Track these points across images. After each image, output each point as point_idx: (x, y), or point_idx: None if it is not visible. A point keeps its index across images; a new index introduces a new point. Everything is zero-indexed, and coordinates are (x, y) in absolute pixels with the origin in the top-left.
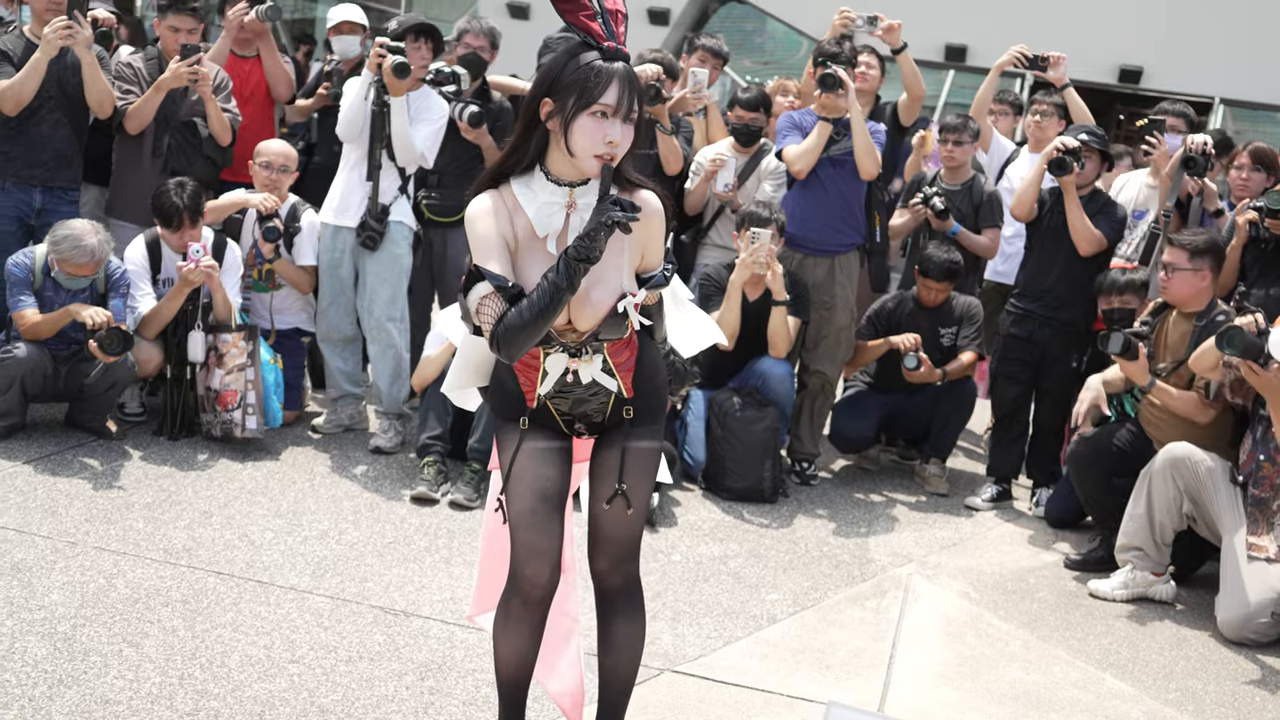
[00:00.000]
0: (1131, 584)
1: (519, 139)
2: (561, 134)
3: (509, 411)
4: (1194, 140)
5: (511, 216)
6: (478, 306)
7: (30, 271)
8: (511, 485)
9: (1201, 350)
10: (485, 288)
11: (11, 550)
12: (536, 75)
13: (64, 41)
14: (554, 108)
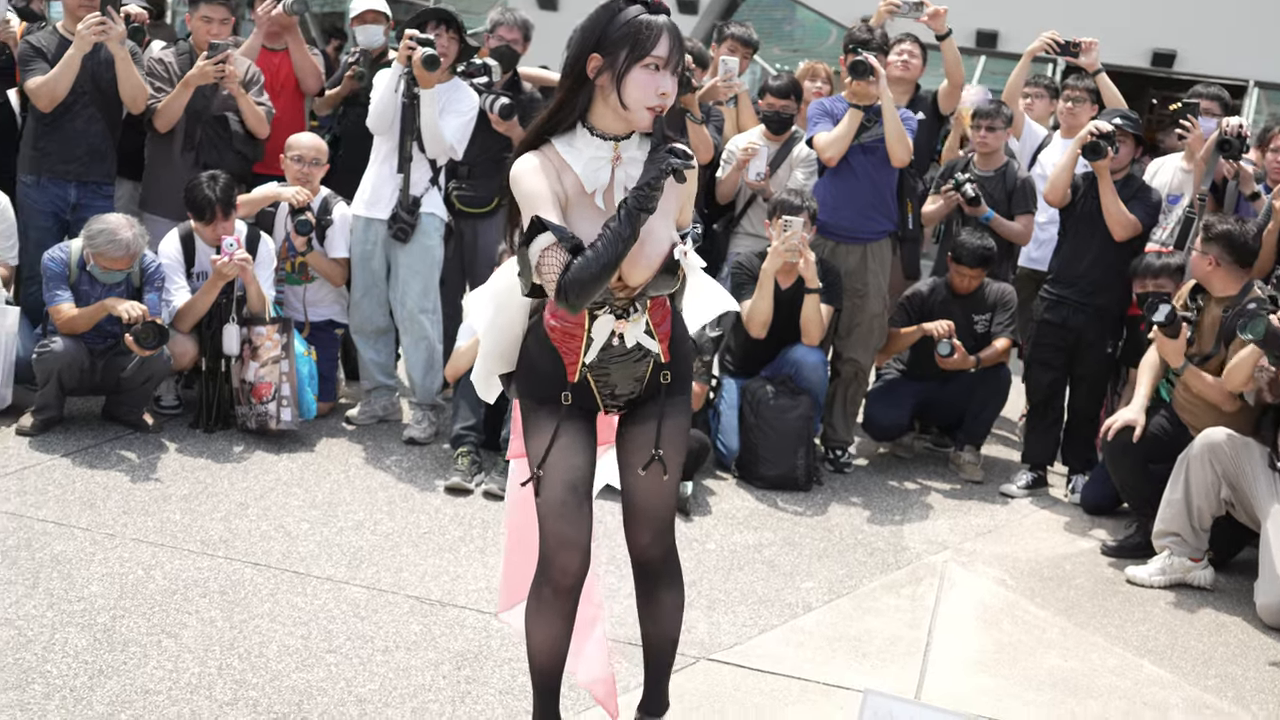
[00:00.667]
0: (1169, 570)
1: (566, 96)
2: (613, 88)
3: (543, 392)
4: (1229, 123)
5: (559, 174)
6: (540, 259)
7: (66, 266)
8: (544, 476)
9: (1232, 366)
10: (547, 239)
11: (51, 543)
12: (578, 35)
13: (98, 37)
14: (603, 63)
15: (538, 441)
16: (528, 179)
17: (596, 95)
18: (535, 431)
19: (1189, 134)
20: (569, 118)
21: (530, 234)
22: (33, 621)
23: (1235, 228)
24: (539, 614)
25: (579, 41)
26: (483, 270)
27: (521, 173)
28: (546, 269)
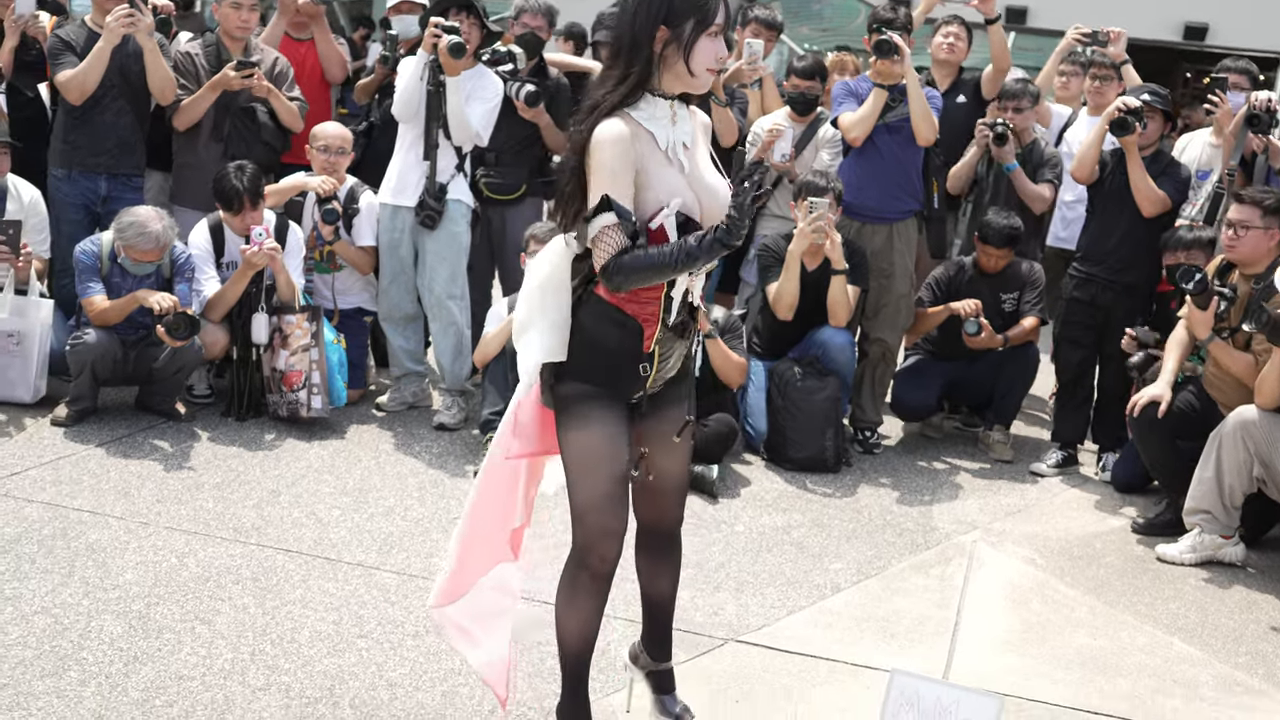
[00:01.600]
0: (1200, 547)
1: (642, 69)
2: (679, 58)
3: (603, 375)
4: (1257, 97)
5: (635, 139)
6: (599, 234)
7: (97, 259)
8: (590, 466)
9: (1266, 381)
10: (610, 218)
11: (86, 531)
12: (637, 9)
13: (127, 29)
14: (670, 35)
15: (585, 433)
16: (608, 149)
17: (661, 65)
18: (582, 421)
19: (1217, 109)
20: (642, 90)
21: (597, 209)
22: (69, 609)
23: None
24: (574, 599)
25: (642, 16)
26: (511, 256)
27: (604, 140)
28: (603, 246)
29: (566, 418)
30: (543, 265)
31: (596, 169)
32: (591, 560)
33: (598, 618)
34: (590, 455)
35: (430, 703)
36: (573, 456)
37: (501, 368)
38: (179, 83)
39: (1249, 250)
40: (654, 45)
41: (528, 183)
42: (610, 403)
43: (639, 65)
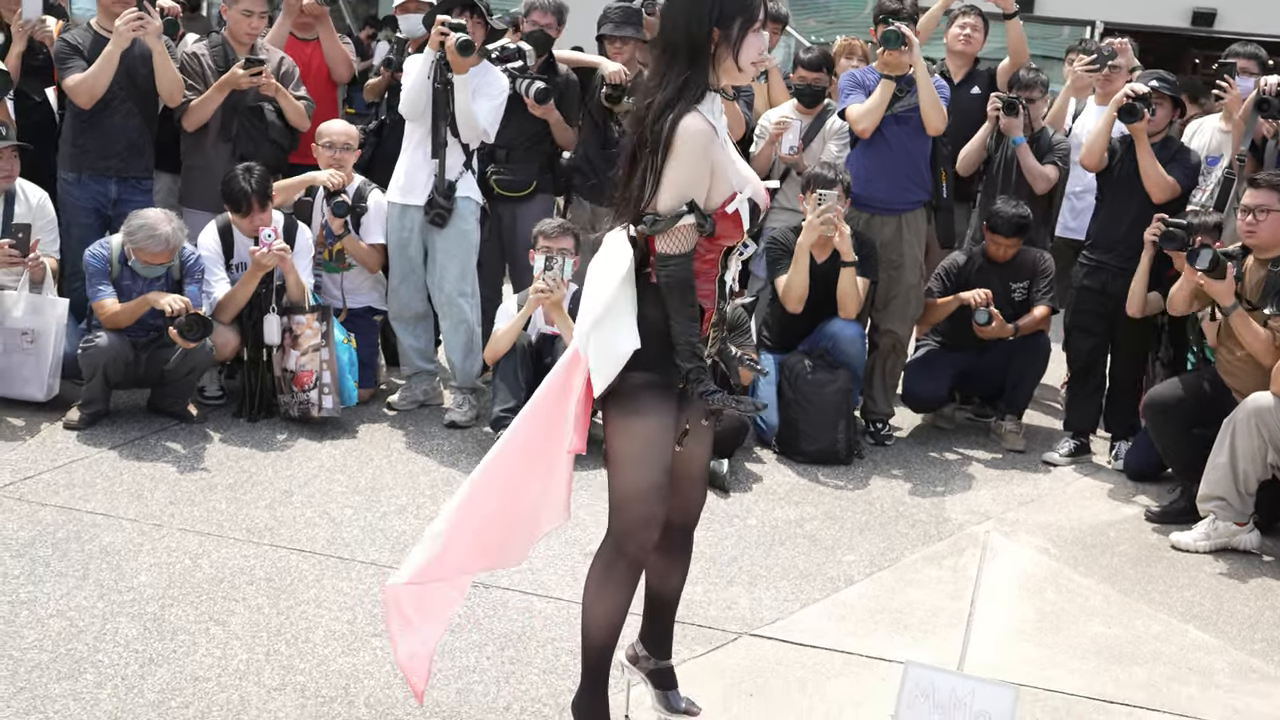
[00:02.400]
0: (1214, 534)
1: (702, 69)
2: (731, 55)
3: (666, 364)
4: (1267, 81)
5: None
6: (676, 230)
7: (107, 262)
8: (642, 455)
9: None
10: (692, 219)
11: (100, 534)
12: (688, 9)
13: (136, 33)
14: (722, 35)
15: (643, 422)
16: (694, 146)
17: (711, 63)
18: (641, 411)
19: (1226, 94)
20: (705, 88)
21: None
22: (84, 612)
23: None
24: (605, 587)
25: (695, 18)
26: (521, 253)
27: (689, 137)
28: (676, 241)
29: (623, 407)
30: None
31: (682, 164)
32: (631, 548)
33: (626, 609)
34: (644, 444)
35: (446, 700)
36: (625, 445)
37: (512, 364)
38: (186, 84)
39: (1268, 234)
40: (711, 45)
41: (538, 179)
42: (666, 392)
43: (700, 64)
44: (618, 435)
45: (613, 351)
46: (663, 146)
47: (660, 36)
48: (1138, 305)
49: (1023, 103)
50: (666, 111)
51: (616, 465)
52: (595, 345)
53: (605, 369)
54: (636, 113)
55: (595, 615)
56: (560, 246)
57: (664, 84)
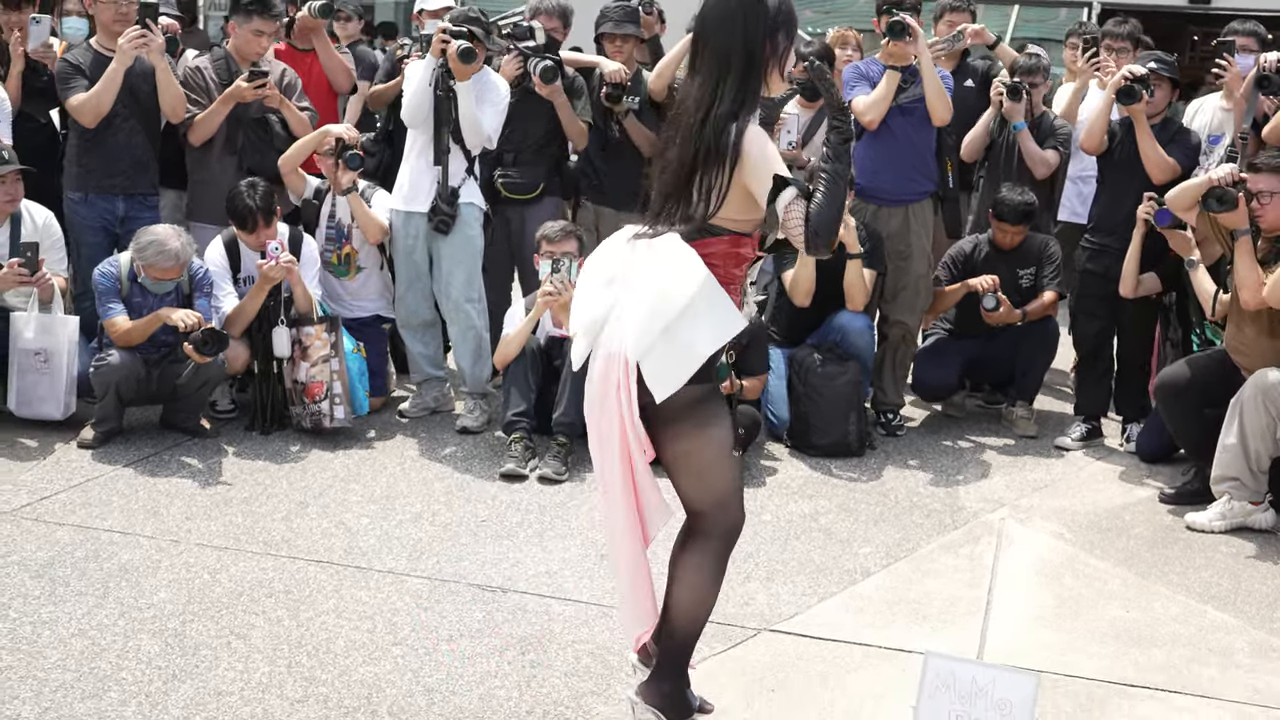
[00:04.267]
0: (1229, 514)
1: (757, 79)
2: (778, 67)
3: (712, 370)
4: (1267, 58)
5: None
6: (787, 211)
7: (117, 280)
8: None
9: (1276, 280)
10: (792, 193)
11: (118, 552)
12: (742, 26)
13: (138, 50)
14: (771, 46)
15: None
16: (764, 145)
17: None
18: (719, 417)
19: (1226, 73)
20: (757, 97)
21: (776, 189)
22: (105, 630)
23: None
24: (718, 577)
25: (753, 33)
26: (529, 256)
27: (757, 138)
28: (793, 221)
29: (698, 418)
30: (689, 264)
31: (759, 159)
32: (736, 538)
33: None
34: (725, 447)
35: (468, 706)
36: (712, 451)
37: (522, 368)
38: (190, 98)
39: (1274, 216)
40: (765, 58)
41: (545, 182)
42: (721, 398)
43: (755, 75)
44: (701, 445)
45: (688, 356)
46: (730, 158)
47: (709, 46)
48: (1130, 285)
49: (1026, 88)
50: (729, 122)
51: (707, 471)
52: (664, 349)
53: (677, 373)
54: (686, 123)
55: (708, 604)
56: (565, 250)
57: (719, 95)
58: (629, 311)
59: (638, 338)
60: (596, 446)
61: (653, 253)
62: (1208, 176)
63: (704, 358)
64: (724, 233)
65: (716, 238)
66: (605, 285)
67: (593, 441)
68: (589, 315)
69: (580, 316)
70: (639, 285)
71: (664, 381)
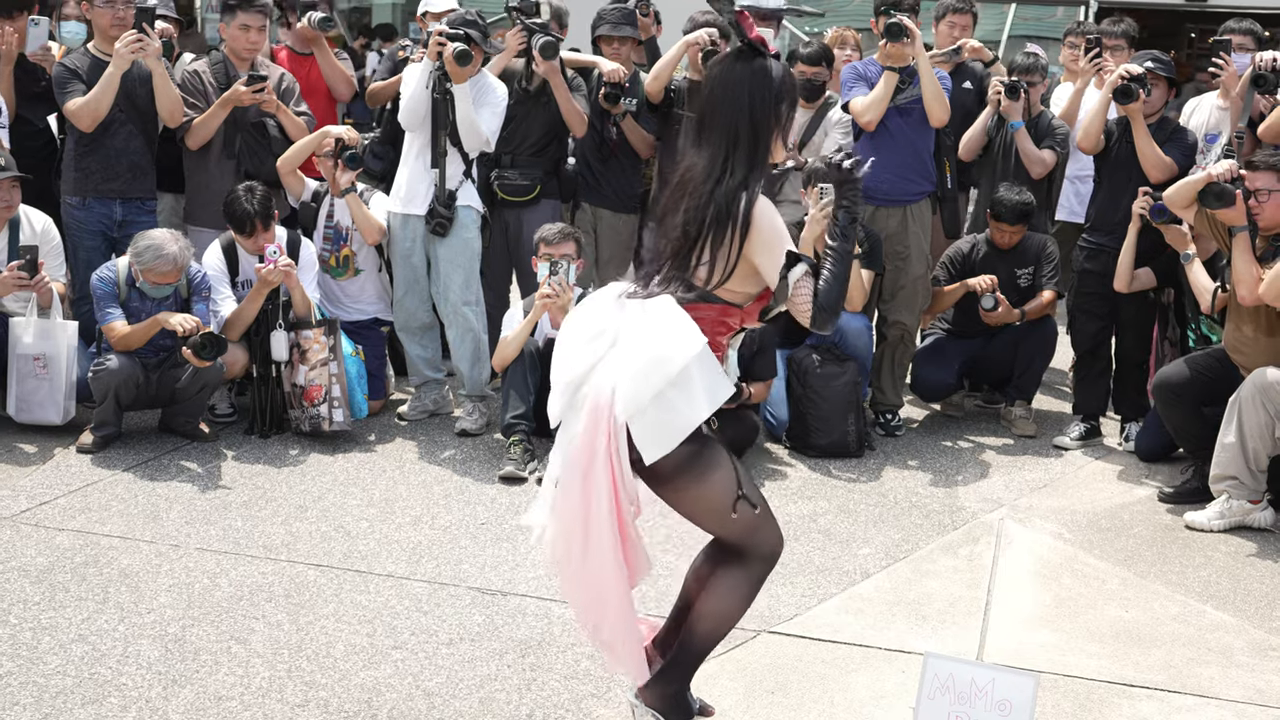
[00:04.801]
0: (1228, 513)
1: (765, 149)
2: (781, 136)
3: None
4: (1262, 57)
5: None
6: (798, 285)
7: (115, 285)
8: (735, 485)
9: (1271, 279)
10: (803, 268)
11: (118, 557)
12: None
13: (136, 55)
14: (775, 117)
15: (722, 468)
16: (774, 220)
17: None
18: (715, 463)
19: (1223, 71)
20: (765, 166)
21: (788, 264)
22: (105, 636)
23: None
24: (751, 596)
25: (759, 108)
26: (527, 258)
27: (767, 210)
28: (801, 297)
29: (693, 473)
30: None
31: (770, 234)
32: (776, 561)
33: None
34: (733, 481)
35: (468, 710)
36: (722, 492)
37: (521, 370)
38: (188, 102)
39: (1272, 214)
40: (770, 129)
41: (543, 184)
42: (708, 438)
43: (763, 145)
44: (707, 492)
45: (681, 421)
46: (740, 228)
47: (717, 118)
48: (1124, 280)
49: (1024, 86)
50: (740, 193)
51: (714, 512)
52: (656, 413)
53: (668, 438)
54: (694, 192)
55: (730, 625)
56: (563, 252)
57: (729, 168)
58: (619, 370)
59: (629, 398)
60: (581, 502)
61: (646, 314)
62: (1206, 173)
63: (697, 423)
64: (717, 301)
65: (708, 305)
66: (591, 339)
67: (573, 498)
68: (570, 370)
69: (562, 371)
70: (632, 345)
71: (655, 445)
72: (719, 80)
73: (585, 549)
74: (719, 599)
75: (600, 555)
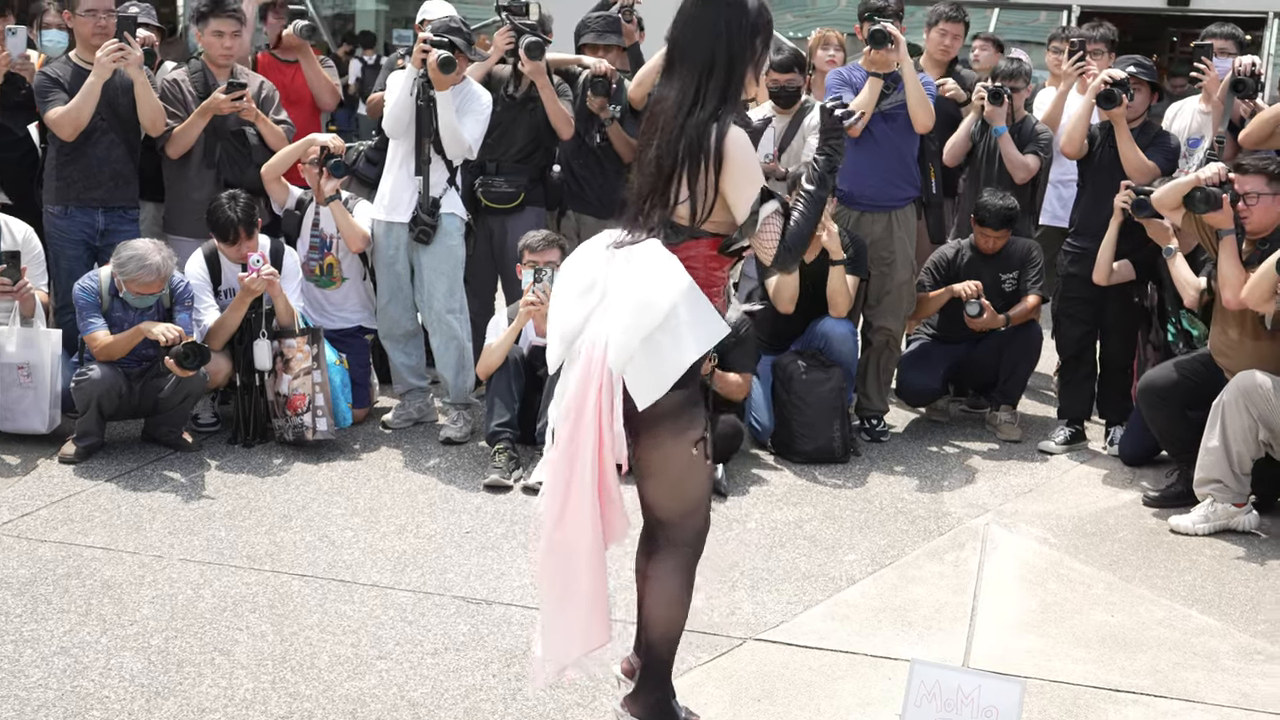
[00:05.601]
0: (1213, 517)
1: (739, 82)
2: (754, 71)
3: (694, 375)
4: (1241, 62)
5: None
6: (767, 222)
7: (97, 295)
8: (700, 465)
9: (1254, 281)
10: (774, 204)
11: (101, 568)
12: (729, 31)
13: (117, 64)
14: (750, 53)
15: (696, 434)
16: (747, 151)
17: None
18: (695, 425)
19: (1204, 76)
20: (738, 100)
21: (760, 199)
22: (87, 648)
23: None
24: (688, 590)
25: (737, 37)
26: (512, 266)
27: (742, 144)
28: (769, 233)
29: (674, 424)
30: (671, 270)
31: (745, 166)
32: (703, 546)
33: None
34: (699, 455)
35: None
36: (682, 458)
37: (505, 378)
38: (168, 111)
39: (1260, 218)
40: (747, 63)
41: (527, 192)
42: (700, 406)
43: (737, 78)
44: (674, 451)
45: (671, 363)
46: (714, 160)
47: (690, 47)
48: (1104, 273)
49: (1007, 92)
50: (711, 124)
51: (678, 478)
52: (646, 358)
53: (659, 381)
54: (665, 124)
55: (679, 620)
56: (547, 259)
57: (700, 98)
58: (610, 321)
59: (619, 348)
60: (565, 454)
61: (632, 262)
62: (1195, 176)
63: (686, 365)
64: (706, 235)
65: (698, 240)
66: (583, 293)
67: (559, 449)
68: (564, 324)
69: (556, 324)
70: (620, 295)
71: (647, 389)
72: (693, 10)
73: (565, 502)
74: (663, 599)
75: (579, 509)
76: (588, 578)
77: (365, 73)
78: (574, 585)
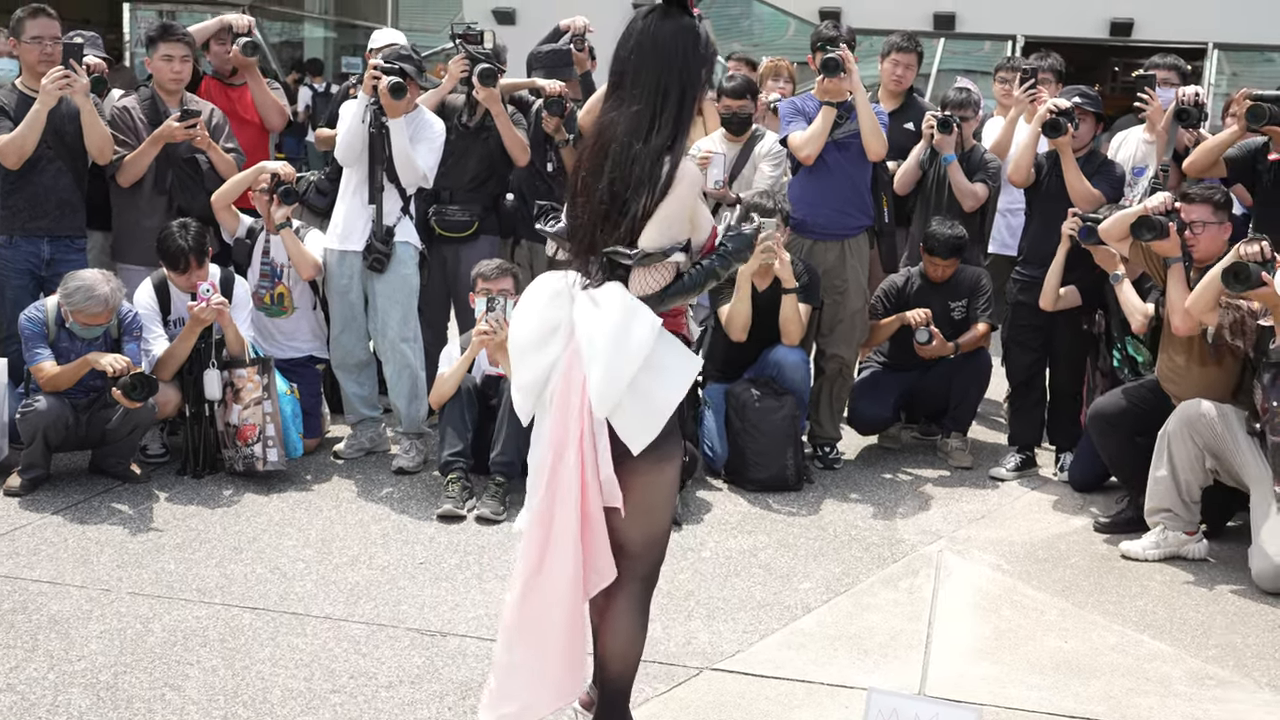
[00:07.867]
0: (1163, 544)
1: (690, 111)
2: (700, 102)
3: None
4: (1185, 92)
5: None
6: (664, 265)
7: (44, 325)
8: (671, 497)
9: (1198, 292)
10: (681, 258)
11: (47, 603)
12: (682, 59)
13: (62, 91)
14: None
15: (673, 466)
16: (693, 191)
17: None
18: (673, 457)
19: (1148, 106)
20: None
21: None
22: (34, 685)
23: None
24: (644, 622)
25: (689, 68)
26: (465, 294)
27: (690, 183)
28: (657, 276)
29: (655, 456)
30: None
31: (676, 203)
32: (657, 578)
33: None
34: (672, 487)
35: None
36: (661, 491)
37: (458, 407)
38: (118, 139)
39: (1206, 246)
40: (698, 90)
41: (481, 220)
42: (677, 434)
43: (689, 107)
44: (657, 481)
45: (660, 402)
46: (660, 189)
47: (644, 74)
48: (1050, 299)
49: (956, 121)
50: (664, 155)
51: (655, 508)
52: (634, 403)
53: (651, 425)
54: (615, 152)
55: (636, 654)
56: (500, 287)
57: (655, 126)
58: (585, 367)
59: (602, 396)
60: (545, 503)
61: (598, 305)
62: (1142, 205)
63: (675, 404)
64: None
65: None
66: (542, 342)
67: (542, 498)
68: (527, 376)
69: (519, 376)
70: (591, 339)
71: (640, 433)
72: (647, 34)
73: (544, 551)
74: (621, 635)
75: (561, 560)
76: (565, 633)
77: (315, 100)
78: (552, 636)
